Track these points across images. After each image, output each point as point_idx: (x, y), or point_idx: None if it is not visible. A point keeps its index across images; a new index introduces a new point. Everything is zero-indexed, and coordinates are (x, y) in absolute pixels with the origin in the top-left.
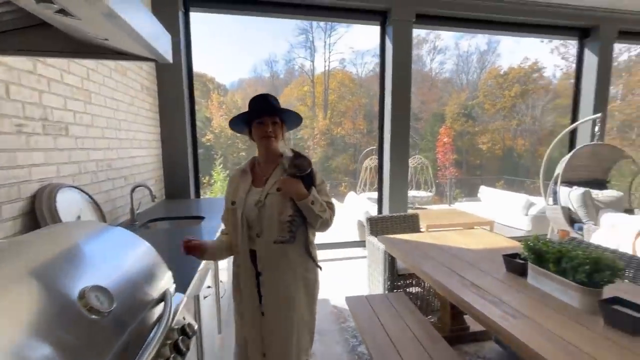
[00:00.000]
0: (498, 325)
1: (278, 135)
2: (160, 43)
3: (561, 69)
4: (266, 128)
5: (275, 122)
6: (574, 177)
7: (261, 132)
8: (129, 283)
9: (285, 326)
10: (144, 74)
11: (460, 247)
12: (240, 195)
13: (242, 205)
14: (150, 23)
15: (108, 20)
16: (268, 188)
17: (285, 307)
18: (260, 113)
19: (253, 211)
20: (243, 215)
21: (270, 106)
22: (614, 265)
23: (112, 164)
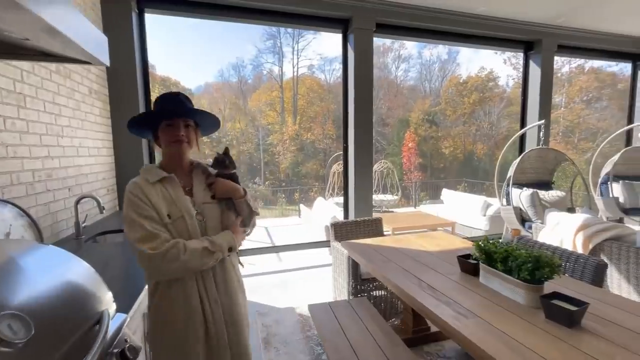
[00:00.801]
0: (450, 326)
1: (192, 141)
2: (91, 44)
3: (513, 78)
4: (177, 131)
5: (189, 124)
6: (524, 179)
7: (171, 135)
8: (58, 307)
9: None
10: (93, 77)
11: (420, 250)
12: (178, 207)
13: (183, 217)
14: (78, 22)
15: (20, 16)
16: (200, 198)
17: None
18: (171, 114)
19: (195, 225)
20: (188, 229)
21: (183, 106)
22: (552, 262)
23: (53, 174)
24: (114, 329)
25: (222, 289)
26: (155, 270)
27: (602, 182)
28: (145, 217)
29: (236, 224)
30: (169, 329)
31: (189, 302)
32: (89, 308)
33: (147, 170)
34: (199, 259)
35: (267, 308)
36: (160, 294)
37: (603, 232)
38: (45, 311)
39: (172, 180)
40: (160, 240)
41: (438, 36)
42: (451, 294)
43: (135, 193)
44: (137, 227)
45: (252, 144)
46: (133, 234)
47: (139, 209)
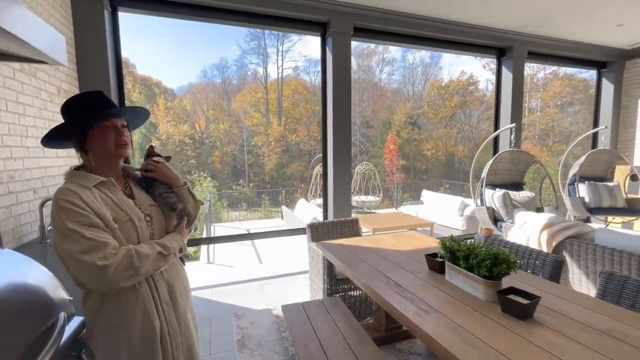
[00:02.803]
0: (412, 322)
1: (130, 142)
2: (45, 44)
3: (492, 82)
4: (121, 134)
5: (124, 124)
6: (497, 180)
7: (113, 139)
8: (9, 311)
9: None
10: (62, 76)
11: (392, 249)
12: (124, 210)
13: (131, 220)
14: (32, 23)
15: None
16: (145, 201)
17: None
18: (107, 113)
19: (144, 228)
20: (137, 232)
21: (114, 106)
22: (509, 259)
23: (16, 176)
24: (71, 331)
25: (171, 291)
26: (106, 282)
27: (569, 183)
28: (87, 225)
29: (182, 226)
30: (124, 338)
31: (144, 306)
32: (44, 311)
33: (78, 175)
34: (153, 265)
35: (243, 310)
36: (109, 304)
37: (565, 230)
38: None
39: (111, 183)
40: (108, 249)
41: (415, 41)
42: (416, 291)
43: (71, 200)
44: (79, 237)
45: (236, 146)
46: (74, 246)
47: (78, 217)
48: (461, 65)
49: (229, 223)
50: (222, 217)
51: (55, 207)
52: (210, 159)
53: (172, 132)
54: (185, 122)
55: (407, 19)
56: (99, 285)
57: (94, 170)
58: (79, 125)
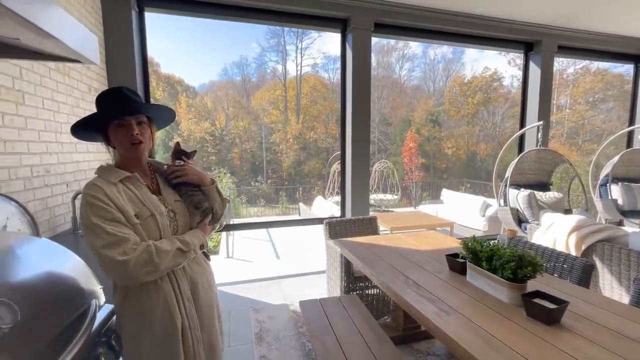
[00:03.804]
0: (432, 323)
1: (148, 139)
2: (80, 44)
3: (517, 78)
4: (131, 131)
5: (141, 121)
6: (522, 180)
7: (125, 137)
8: (46, 296)
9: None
10: (93, 75)
11: (411, 249)
12: (147, 206)
13: (153, 216)
14: (66, 23)
15: (7, 18)
16: (171, 196)
17: (209, 318)
18: (119, 112)
19: (166, 224)
20: (159, 228)
21: (131, 102)
22: (535, 261)
23: (52, 170)
24: (101, 319)
25: (194, 287)
26: (126, 277)
27: (601, 184)
28: (109, 220)
29: (204, 223)
30: (146, 331)
31: (165, 302)
32: (77, 299)
33: (105, 170)
34: (172, 261)
35: (261, 304)
36: (133, 298)
37: (596, 233)
38: (33, 299)
39: (135, 179)
40: (129, 244)
41: (437, 36)
42: (436, 292)
43: (96, 195)
44: (101, 232)
45: (254, 143)
46: (96, 240)
47: (102, 212)
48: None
49: (247, 218)
50: (241, 213)
51: (83, 201)
52: (229, 156)
53: (194, 129)
54: (206, 120)
55: (430, 14)
56: (119, 279)
57: (122, 165)
58: (96, 120)
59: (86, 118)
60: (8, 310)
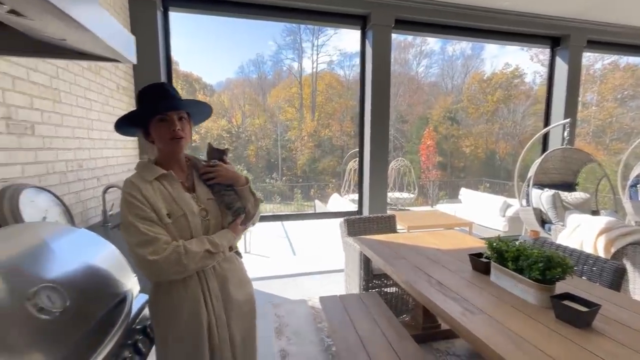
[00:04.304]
0: (457, 322)
1: (188, 135)
2: (121, 44)
3: (540, 75)
4: (173, 126)
5: (182, 117)
6: (546, 180)
7: (167, 131)
8: (88, 284)
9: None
10: (120, 74)
11: (432, 248)
12: (179, 204)
13: (184, 215)
14: (109, 24)
15: (60, 21)
16: (204, 194)
17: (241, 315)
18: (162, 108)
19: (198, 223)
20: (190, 227)
21: (173, 98)
22: (565, 262)
23: (84, 164)
24: (137, 307)
25: (223, 285)
26: (156, 275)
27: (631, 185)
28: (142, 218)
29: (236, 224)
30: (174, 325)
31: (192, 299)
32: (115, 287)
33: (143, 167)
34: (200, 262)
35: (280, 299)
36: (164, 293)
37: (626, 235)
38: (78, 286)
39: (171, 177)
40: (159, 244)
41: (459, 32)
42: (460, 291)
43: (132, 193)
44: (135, 230)
45: (270, 140)
46: (130, 237)
47: (136, 210)
48: (506, 57)
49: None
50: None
51: (122, 198)
52: (245, 153)
53: (211, 127)
54: (223, 117)
55: (452, 9)
56: (149, 277)
57: (160, 161)
58: (138, 116)
59: (130, 113)
60: (59, 296)
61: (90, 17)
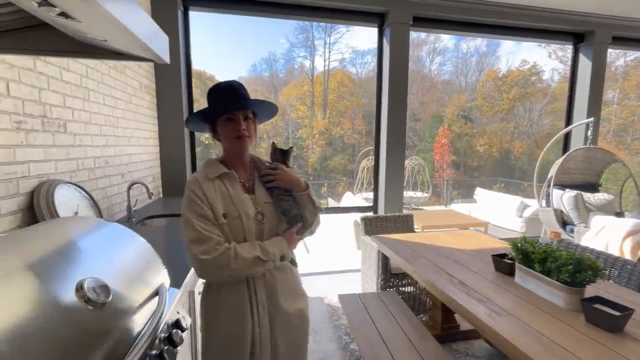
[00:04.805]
0: (485, 324)
1: (252, 134)
2: (157, 44)
3: (559, 72)
4: (238, 126)
5: (248, 117)
6: (567, 180)
7: (232, 131)
8: (125, 277)
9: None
10: (143, 72)
11: (451, 248)
12: (236, 205)
13: (239, 217)
14: (148, 25)
15: (107, 23)
16: (262, 197)
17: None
18: (229, 108)
19: (252, 226)
20: (244, 229)
21: (242, 98)
22: (596, 265)
23: (110, 161)
24: (170, 301)
25: (272, 294)
26: (204, 274)
27: None
28: (199, 215)
29: (291, 232)
30: (217, 325)
31: (238, 304)
32: (150, 279)
33: (209, 164)
34: (248, 268)
35: None
36: (212, 292)
37: None
38: (118, 279)
39: (232, 176)
40: (211, 244)
41: (478, 29)
42: (484, 292)
43: (193, 189)
44: (192, 227)
45: (281, 138)
46: (187, 235)
47: (194, 207)
48: (522, 54)
49: None
50: None
51: (185, 194)
52: (257, 151)
53: None
54: None
55: (471, 5)
56: (197, 274)
57: (225, 159)
58: (207, 114)
59: (201, 111)
60: (102, 289)
61: (133, 18)
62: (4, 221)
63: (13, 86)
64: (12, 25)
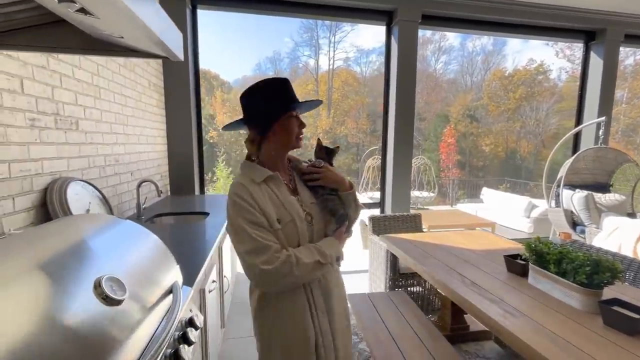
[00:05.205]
0: (499, 325)
1: None
2: (172, 41)
3: (566, 71)
4: (302, 125)
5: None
6: (577, 180)
7: (297, 129)
8: (139, 274)
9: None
10: (152, 71)
11: (462, 248)
12: (287, 209)
13: (293, 221)
14: (164, 21)
15: (125, 18)
16: (307, 197)
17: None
18: (305, 106)
19: (304, 229)
20: (298, 233)
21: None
22: (614, 267)
23: (120, 159)
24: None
25: (327, 298)
26: (267, 285)
27: None
28: (252, 223)
29: (341, 231)
30: (279, 336)
31: (298, 312)
32: (164, 277)
33: (250, 168)
34: (310, 274)
35: None
36: (269, 303)
37: None
38: (133, 277)
39: (277, 179)
40: (271, 253)
41: (487, 27)
42: (497, 293)
43: (243, 196)
44: (246, 237)
45: None
46: (242, 244)
47: (248, 215)
48: (529, 53)
49: None
50: None
51: (229, 200)
52: None
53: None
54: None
55: (481, 3)
56: (257, 286)
57: (265, 161)
58: (277, 110)
59: (268, 105)
60: (119, 286)
61: (150, 14)
62: (18, 218)
63: (27, 84)
64: (28, 23)
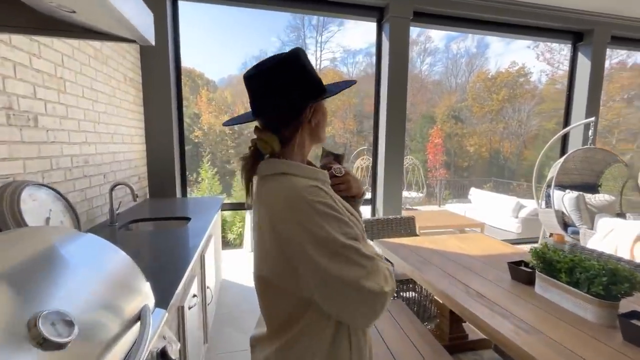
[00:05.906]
0: (510, 342)
1: None
2: (138, 20)
3: (547, 74)
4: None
5: None
6: (567, 181)
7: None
8: (97, 303)
9: None
10: (128, 64)
11: (460, 253)
12: (354, 215)
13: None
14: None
15: None
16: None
17: None
18: (330, 85)
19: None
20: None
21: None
22: (633, 277)
23: (90, 160)
24: (156, 324)
25: None
26: (381, 313)
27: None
28: (353, 238)
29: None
30: None
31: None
32: (130, 302)
33: (298, 166)
34: None
35: None
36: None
37: None
38: (87, 307)
39: (328, 180)
40: (383, 269)
41: (478, 25)
42: (505, 304)
43: (328, 202)
44: (358, 256)
45: None
46: (352, 268)
47: (345, 227)
48: (510, 55)
49: None
50: None
51: (310, 211)
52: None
53: (214, 123)
54: (225, 113)
55: (473, 1)
56: (371, 319)
57: (306, 159)
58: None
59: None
60: (65, 323)
61: None
62: None
63: None
64: None
